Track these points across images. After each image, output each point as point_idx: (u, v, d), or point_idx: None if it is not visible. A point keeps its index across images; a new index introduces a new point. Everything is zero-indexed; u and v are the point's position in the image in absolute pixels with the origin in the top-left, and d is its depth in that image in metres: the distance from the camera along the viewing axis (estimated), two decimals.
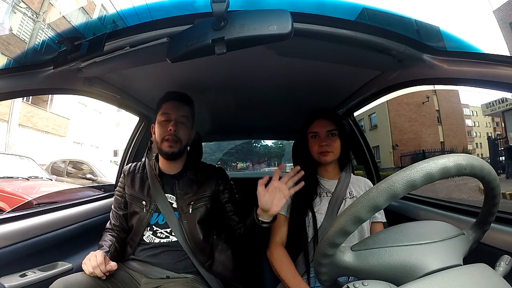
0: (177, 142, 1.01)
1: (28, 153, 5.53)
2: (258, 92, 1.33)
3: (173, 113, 1.02)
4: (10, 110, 10.76)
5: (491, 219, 0.56)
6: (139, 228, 1.02)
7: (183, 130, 1.03)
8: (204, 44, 0.60)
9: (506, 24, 6.61)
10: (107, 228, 1.08)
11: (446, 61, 0.76)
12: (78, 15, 1.23)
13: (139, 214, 1.03)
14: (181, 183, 1.05)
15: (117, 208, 1.10)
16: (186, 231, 1.00)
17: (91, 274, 0.83)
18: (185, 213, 1.01)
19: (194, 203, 1.02)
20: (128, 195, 1.08)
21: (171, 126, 1.00)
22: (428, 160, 0.44)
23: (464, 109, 17.27)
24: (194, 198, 1.03)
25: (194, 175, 1.07)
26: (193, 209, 1.02)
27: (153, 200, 1.03)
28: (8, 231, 0.89)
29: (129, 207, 1.07)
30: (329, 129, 1.01)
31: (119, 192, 1.11)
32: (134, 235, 1.03)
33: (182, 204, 1.02)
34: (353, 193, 1.03)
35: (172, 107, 1.03)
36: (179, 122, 1.03)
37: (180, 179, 1.06)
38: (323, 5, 0.76)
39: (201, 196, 1.04)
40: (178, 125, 1.02)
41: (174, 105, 1.04)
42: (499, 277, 0.46)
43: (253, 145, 11.44)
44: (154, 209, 1.02)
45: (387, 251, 0.49)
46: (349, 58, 0.90)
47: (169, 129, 1.00)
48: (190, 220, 1.01)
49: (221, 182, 1.09)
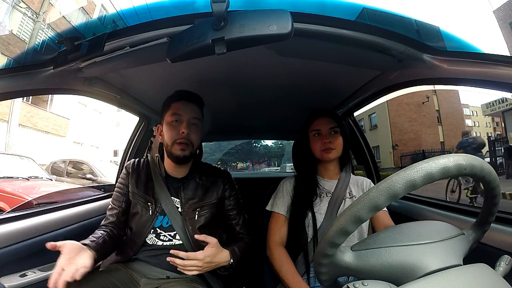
0: (189, 145, 0.96)
1: (28, 153, 5.53)
2: (258, 92, 1.33)
3: (185, 114, 0.97)
4: (10, 110, 10.77)
5: (491, 219, 0.56)
6: (142, 230, 0.98)
7: (195, 133, 0.98)
8: (204, 44, 0.60)
9: (506, 24, 6.61)
10: (102, 225, 1.03)
11: (446, 61, 0.76)
12: (78, 15, 1.23)
13: (144, 216, 0.99)
14: (187, 188, 1.02)
15: (115, 203, 1.04)
16: (190, 235, 0.97)
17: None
18: (190, 219, 0.99)
19: (200, 209, 1.00)
20: (131, 194, 1.03)
21: (183, 128, 0.95)
22: (428, 160, 0.44)
23: (464, 109, 17.28)
24: (200, 204, 1.00)
25: (200, 179, 1.04)
26: (198, 216, 0.99)
27: (159, 202, 0.99)
28: (8, 231, 0.89)
29: (132, 206, 1.02)
30: (331, 126, 1.02)
31: (120, 189, 1.05)
32: (135, 236, 0.99)
33: (188, 209, 0.99)
34: (352, 193, 1.04)
35: (184, 108, 0.97)
36: (191, 124, 0.97)
37: (185, 183, 1.02)
38: (323, 5, 0.76)
39: (207, 202, 1.02)
40: (190, 127, 0.96)
41: (186, 106, 0.98)
42: (499, 277, 0.46)
43: (253, 145, 11.44)
44: (159, 211, 0.99)
45: (387, 251, 0.49)
46: (349, 58, 0.90)
47: (182, 132, 0.95)
48: (195, 226, 0.98)
49: (227, 188, 1.07)
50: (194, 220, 0.99)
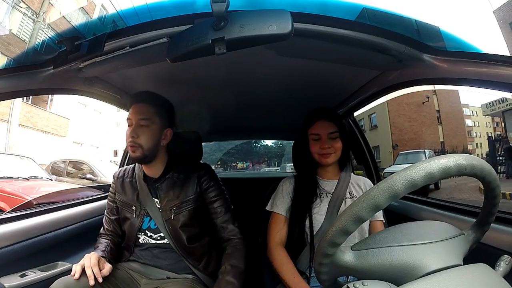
0: (138, 147, 0.96)
1: (28, 153, 5.52)
2: (258, 92, 1.33)
3: (134, 117, 0.98)
4: (10, 110, 10.76)
5: (491, 219, 0.56)
6: (132, 233, 1.01)
7: (145, 134, 0.97)
8: (204, 44, 0.60)
9: (506, 24, 6.60)
10: (101, 233, 1.07)
11: (446, 61, 0.76)
12: (78, 15, 1.23)
13: (130, 220, 1.01)
14: (163, 187, 1.02)
15: (109, 213, 1.08)
16: (172, 236, 0.98)
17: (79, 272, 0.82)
18: (168, 219, 0.99)
19: (176, 208, 0.99)
20: (118, 201, 1.06)
21: (130, 132, 0.97)
22: (428, 160, 0.44)
23: (464, 109, 17.26)
24: (176, 203, 0.99)
25: (177, 178, 1.03)
26: (175, 214, 0.98)
27: (143, 205, 1.01)
28: (8, 231, 0.89)
29: (121, 212, 1.05)
30: (331, 131, 0.99)
31: (110, 198, 1.10)
32: (128, 240, 1.02)
33: (166, 209, 0.99)
34: (353, 193, 1.03)
35: (133, 111, 0.99)
36: (139, 126, 0.97)
37: (162, 183, 1.02)
38: (323, 5, 0.76)
39: (184, 200, 1.00)
40: (137, 129, 0.97)
41: (136, 108, 0.99)
42: (499, 277, 0.46)
43: (253, 145, 11.43)
44: (144, 214, 1.01)
45: (387, 251, 0.49)
46: (349, 58, 0.90)
47: (128, 136, 0.97)
48: (173, 226, 0.98)
49: (204, 180, 1.03)
50: (171, 221, 0.98)
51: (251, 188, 1.52)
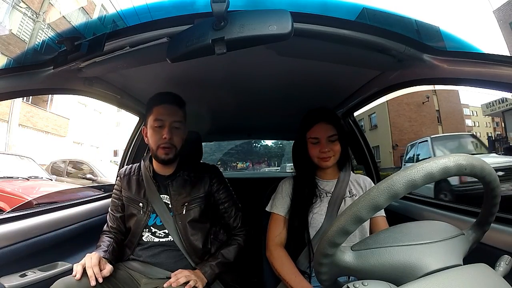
0: (172, 148, 1.00)
1: (28, 153, 5.53)
2: (258, 92, 1.33)
3: (167, 119, 0.99)
4: (10, 110, 10.76)
5: (491, 219, 0.56)
6: (137, 229, 1.02)
7: (178, 136, 1.01)
8: (204, 44, 0.60)
9: (506, 24, 6.60)
10: (104, 231, 1.08)
11: (446, 61, 0.76)
12: (78, 15, 1.23)
13: (137, 216, 1.03)
14: (175, 184, 1.04)
15: (114, 211, 1.09)
16: (180, 231, 1.00)
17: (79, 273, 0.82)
18: (179, 214, 1.01)
19: (188, 204, 1.02)
20: (125, 198, 1.07)
21: (165, 133, 0.98)
22: (428, 160, 0.44)
23: (464, 109, 17.27)
24: (188, 199, 1.03)
25: (188, 176, 1.06)
26: (186, 210, 1.01)
27: (150, 201, 1.03)
28: (8, 231, 0.89)
29: (126, 209, 1.07)
30: (330, 134, 0.98)
31: (115, 195, 1.11)
32: (132, 236, 1.03)
33: (176, 204, 1.02)
34: (352, 191, 1.03)
35: (165, 113, 1.00)
36: (174, 128, 1.00)
37: (173, 180, 1.05)
38: (323, 5, 0.76)
39: (195, 197, 1.04)
40: (172, 131, 1.00)
41: (168, 110, 1.00)
42: (499, 277, 0.46)
43: (253, 145, 11.43)
44: (151, 210, 1.02)
45: (387, 251, 0.49)
46: (349, 58, 0.90)
47: (164, 137, 0.98)
48: (184, 221, 1.00)
49: (214, 182, 1.08)
50: (183, 215, 1.01)
51: (251, 188, 1.52)
